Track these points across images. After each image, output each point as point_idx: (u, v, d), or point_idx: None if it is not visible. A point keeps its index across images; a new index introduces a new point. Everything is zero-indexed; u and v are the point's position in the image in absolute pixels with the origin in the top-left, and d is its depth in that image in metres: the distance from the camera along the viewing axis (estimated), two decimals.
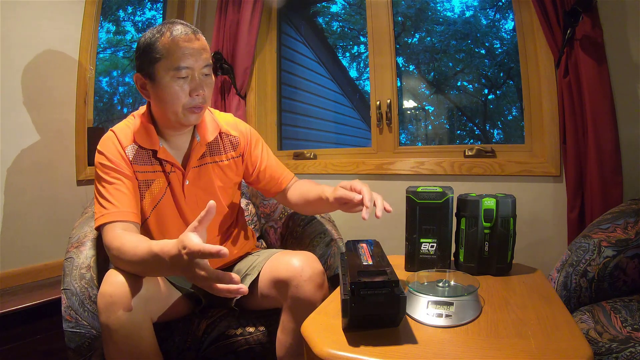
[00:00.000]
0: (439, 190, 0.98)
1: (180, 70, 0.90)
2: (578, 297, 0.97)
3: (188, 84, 0.92)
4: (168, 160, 1.00)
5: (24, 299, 1.38)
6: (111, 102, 2.43)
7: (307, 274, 0.92)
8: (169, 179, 1.01)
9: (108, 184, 0.94)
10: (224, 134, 1.09)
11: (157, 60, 0.91)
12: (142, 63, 0.93)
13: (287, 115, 2.29)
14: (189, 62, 0.91)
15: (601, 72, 1.26)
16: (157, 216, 1.02)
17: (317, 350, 0.64)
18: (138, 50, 0.94)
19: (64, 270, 0.99)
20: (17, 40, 1.54)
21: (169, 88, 0.91)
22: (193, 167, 1.03)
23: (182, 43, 0.90)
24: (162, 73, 0.91)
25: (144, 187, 0.99)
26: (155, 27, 0.94)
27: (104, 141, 0.99)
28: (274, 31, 2.15)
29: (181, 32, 0.91)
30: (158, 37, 0.91)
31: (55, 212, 1.67)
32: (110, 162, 0.95)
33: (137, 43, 0.95)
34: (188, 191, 1.03)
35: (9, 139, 1.53)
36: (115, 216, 0.91)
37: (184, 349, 0.98)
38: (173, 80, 0.91)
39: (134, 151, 0.98)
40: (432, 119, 2.18)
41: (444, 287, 0.81)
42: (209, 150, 1.06)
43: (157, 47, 0.90)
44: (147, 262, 0.81)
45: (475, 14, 1.95)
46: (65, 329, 0.93)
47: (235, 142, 1.11)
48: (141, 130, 0.99)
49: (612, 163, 1.25)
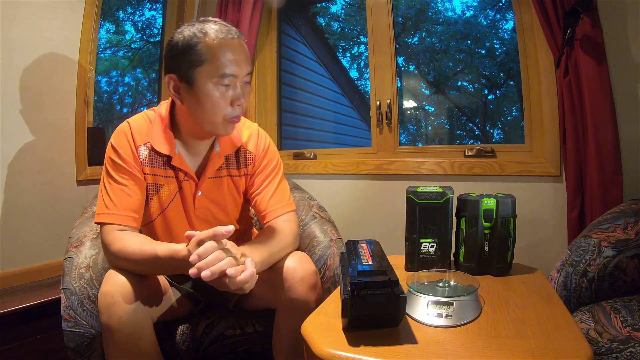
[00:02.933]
0: (439, 190, 0.98)
1: (224, 77, 0.84)
2: (578, 297, 0.97)
3: (230, 92, 0.86)
4: (182, 168, 0.96)
5: (24, 299, 1.38)
6: (111, 102, 2.43)
7: (299, 275, 0.91)
8: (182, 187, 0.97)
9: (115, 183, 0.91)
10: (241, 148, 1.03)
11: (199, 64, 0.83)
12: (178, 65, 0.85)
13: (287, 115, 2.29)
14: (234, 69, 0.84)
15: (601, 72, 1.26)
16: (164, 221, 0.99)
17: (317, 350, 0.64)
18: (173, 50, 0.86)
19: (64, 270, 1.00)
20: (17, 40, 1.54)
21: (211, 96, 0.85)
22: (208, 177, 0.98)
23: (227, 48, 0.83)
24: (204, 79, 0.84)
25: (152, 191, 0.96)
26: (193, 25, 0.86)
27: (118, 135, 0.93)
28: (274, 31, 2.15)
29: (227, 35, 0.84)
30: (200, 37, 0.83)
31: (55, 212, 1.67)
32: (122, 160, 0.91)
33: (171, 41, 0.86)
34: (199, 202, 0.99)
35: (9, 139, 1.53)
36: (115, 219, 0.89)
37: (183, 349, 0.98)
38: (215, 88, 0.85)
39: (147, 151, 0.93)
40: (432, 119, 2.18)
41: (444, 287, 0.81)
42: (226, 162, 1.01)
43: (200, 50, 0.83)
44: (158, 258, 0.81)
45: (476, 14, 1.95)
46: (65, 328, 0.93)
47: (250, 159, 1.04)
48: (158, 133, 0.93)
49: (612, 163, 1.25)
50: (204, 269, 0.72)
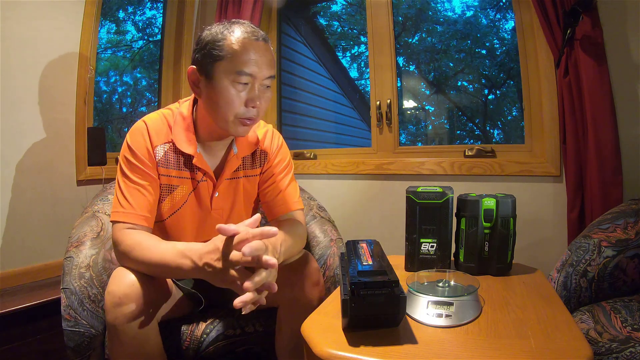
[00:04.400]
0: (439, 190, 0.98)
1: (241, 75, 0.84)
2: (578, 297, 0.97)
3: (246, 92, 0.86)
4: (203, 168, 0.95)
5: (24, 299, 1.38)
6: (111, 102, 2.43)
7: (301, 272, 0.92)
8: (198, 187, 0.97)
9: (130, 182, 0.90)
10: (259, 149, 1.04)
11: (220, 59, 0.84)
12: (201, 58, 0.87)
13: (287, 115, 2.29)
14: (253, 69, 0.84)
15: (601, 72, 1.26)
16: (176, 221, 0.99)
17: (317, 350, 0.64)
18: (199, 43, 0.87)
19: (64, 270, 1.00)
20: (17, 40, 1.54)
21: (225, 92, 0.85)
22: (226, 179, 0.99)
23: (250, 47, 0.84)
24: (222, 74, 0.84)
25: (165, 192, 0.95)
26: (223, 23, 0.88)
27: (135, 134, 0.93)
28: (274, 31, 2.15)
29: (252, 36, 0.85)
30: (226, 34, 0.85)
31: (55, 212, 1.67)
32: (137, 159, 0.91)
33: (200, 36, 0.89)
34: (216, 203, 0.99)
35: (9, 139, 1.53)
36: (129, 218, 0.89)
37: (184, 349, 0.98)
38: (231, 85, 0.85)
39: (164, 152, 0.93)
40: (432, 119, 2.18)
41: (444, 287, 0.81)
42: (243, 163, 1.02)
43: (223, 45, 0.84)
44: (166, 261, 0.81)
45: (476, 14, 1.95)
46: (65, 328, 0.93)
47: (264, 159, 1.06)
48: (180, 131, 0.93)
49: (612, 163, 1.25)
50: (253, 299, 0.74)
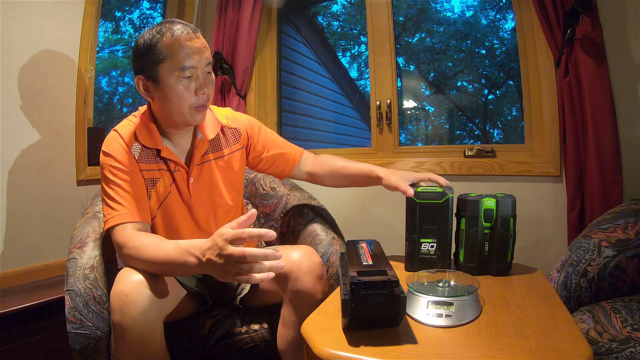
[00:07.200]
0: (439, 190, 0.99)
1: (185, 70, 0.90)
2: (578, 297, 0.97)
3: (193, 83, 0.92)
4: (171, 159, 1.00)
5: (24, 299, 1.37)
6: (111, 102, 2.43)
7: (305, 266, 0.93)
8: (174, 178, 1.01)
9: (116, 186, 0.93)
10: (225, 128, 1.10)
11: (160, 61, 0.90)
12: (143, 65, 0.92)
13: (287, 115, 2.29)
14: (193, 61, 0.90)
15: (601, 72, 1.26)
16: (165, 215, 1.02)
17: (317, 350, 0.64)
18: (137, 53, 0.93)
19: (67, 271, 0.99)
20: (17, 40, 1.54)
21: (175, 89, 0.91)
22: (197, 164, 1.03)
23: (184, 43, 0.90)
24: (167, 74, 0.90)
25: (149, 186, 0.99)
26: (153, 27, 0.92)
27: (109, 142, 0.98)
28: (274, 31, 2.15)
29: (182, 31, 0.90)
30: (159, 37, 0.90)
31: (55, 212, 1.67)
32: (118, 162, 0.95)
33: (135, 45, 0.93)
34: (193, 189, 1.03)
35: (9, 139, 1.53)
36: (126, 217, 0.91)
37: (189, 348, 0.98)
38: (178, 81, 0.91)
39: (139, 150, 0.98)
40: (432, 119, 2.18)
41: (444, 287, 0.81)
42: (211, 146, 1.06)
43: (160, 48, 0.89)
44: (171, 259, 0.81)
45: (476, 14, 1.95)
46: (70, 330, 0.92)
47: (237, 135, 1.11)
48: (143, 130, 0.99)
49: (612, 163, 1.25)
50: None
